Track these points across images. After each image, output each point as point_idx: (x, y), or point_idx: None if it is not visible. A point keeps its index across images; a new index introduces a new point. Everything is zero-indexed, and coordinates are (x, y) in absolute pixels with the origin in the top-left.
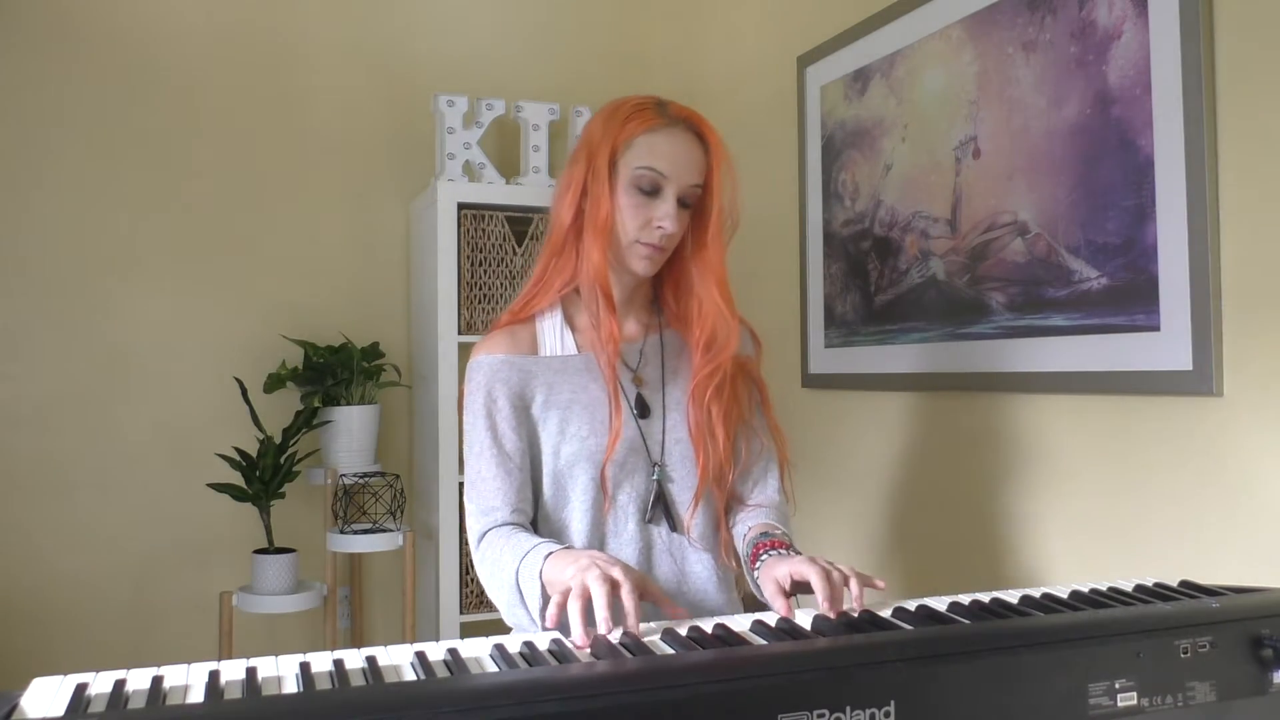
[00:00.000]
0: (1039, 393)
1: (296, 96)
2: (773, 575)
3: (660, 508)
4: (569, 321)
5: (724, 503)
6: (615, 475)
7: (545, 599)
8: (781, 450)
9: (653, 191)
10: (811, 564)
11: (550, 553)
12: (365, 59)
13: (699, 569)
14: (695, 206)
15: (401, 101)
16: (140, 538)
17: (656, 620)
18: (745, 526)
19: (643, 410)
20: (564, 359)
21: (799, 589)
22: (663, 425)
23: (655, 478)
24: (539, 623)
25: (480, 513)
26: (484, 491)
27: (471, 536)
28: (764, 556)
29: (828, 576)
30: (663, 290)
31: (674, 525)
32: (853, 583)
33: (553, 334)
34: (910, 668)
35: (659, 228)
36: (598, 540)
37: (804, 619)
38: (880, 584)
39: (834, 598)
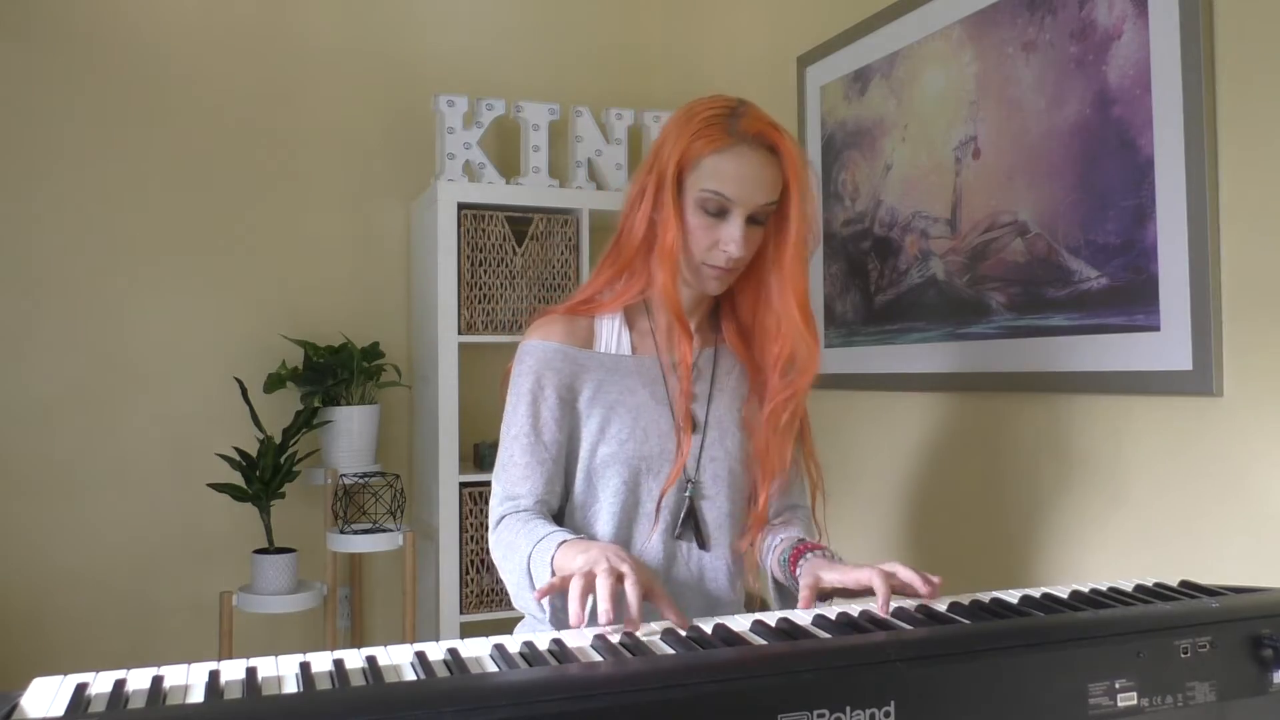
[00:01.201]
0: (1039, 392)
1: (296, 96)
2: (816, 573)
3: (690, 524)
4: (628, 322)
5: (758, 525)
6: (649, 485)
7: None
8: (815, 482)
9: (719, 214)
10: (874, 570)
11: (564, 540)
12: (365, 59)
13: (717, 565)
14: (774, 221)
15: (401, 101)
16: (140, 538)
17: (658, 620)
18: (775, 539)
19: (690, 425)
20: (617, 358)
21: (838, 595)
22: (702, 441)
23: (688, 494)
24: (546, 610)
25: (505, 497)
26: (512, 477)
27: (491, 517)
28: (808, 555)
29: (887, 578)
30: (730, 304)
31: (702, 543)
32: (908, 574)
33: (610, 331)
34: (910, 668)
35: (724, 251)
36: (621, 543)
37: (803, 618)
38: (929, 587)
39: (887, 596)
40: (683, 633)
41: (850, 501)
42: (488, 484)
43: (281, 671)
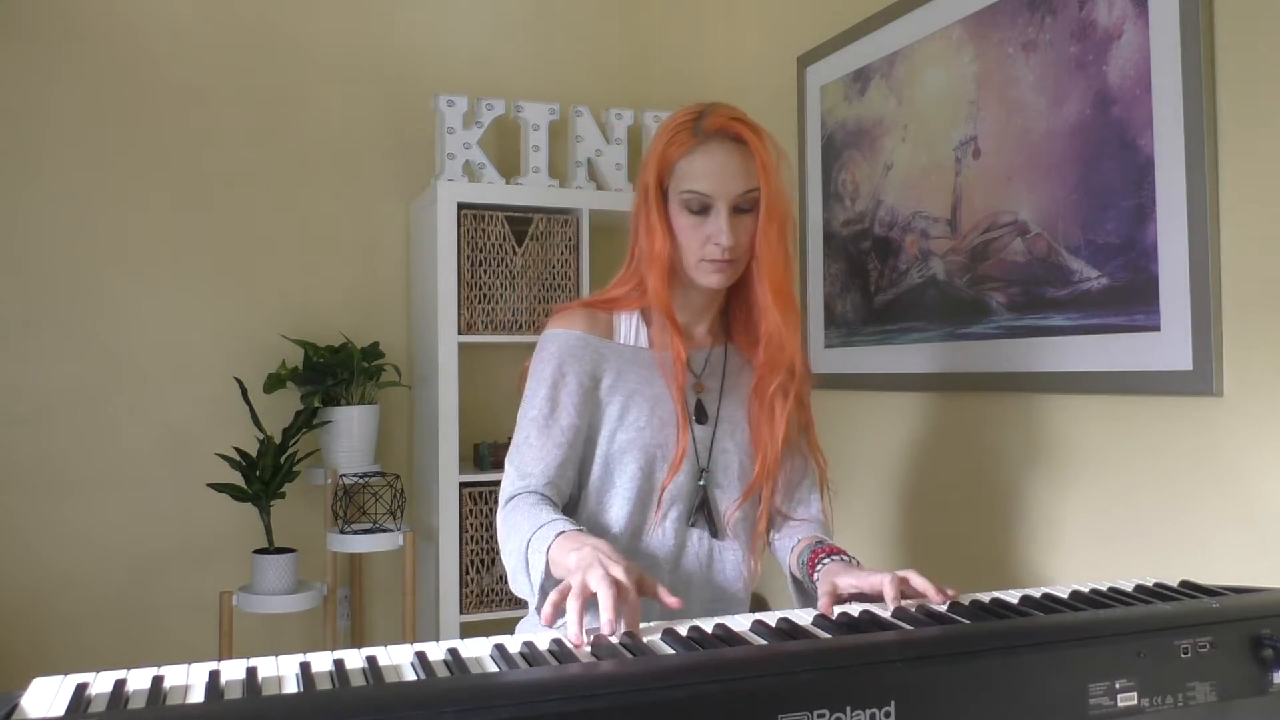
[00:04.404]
0: (1039, 393)
1: (296, 97)
2: (832, 579)
3: (704, 513)
4: (645, 319)
5: (765, 512)
6: (663, 473)
7: (547, 574)
8: (823, 473)
9: (703, 211)
10: (888, 576)
11: (562, 531)
12: (365, 59)
13: (726, 555)
14: (755, 209)
15: (401, 101)
16: (140, 538)
17: (654, 618)
18: (793, 539)
19: (700, 416)
20: (636, 350)
21: (858, 599)
22: (713, 433)
23: (702, 483)
24: (535, 596)
25: (517, 475)
26: (526, 456)
27: (502, 495)
28: (825, 561)
29: (900, 584)
30: (732, 302)
31: (715, 531)
32: (921, 582)
33: (629, 326)
34: (910, 668)
35: (716, 245)
36: (634, 529)
37: (803, 618)
38: (941, 597)
39: (896, 601)
40: (682, 630)
41: (850, 501)
42: (488, 484)
43: (282, 671)
